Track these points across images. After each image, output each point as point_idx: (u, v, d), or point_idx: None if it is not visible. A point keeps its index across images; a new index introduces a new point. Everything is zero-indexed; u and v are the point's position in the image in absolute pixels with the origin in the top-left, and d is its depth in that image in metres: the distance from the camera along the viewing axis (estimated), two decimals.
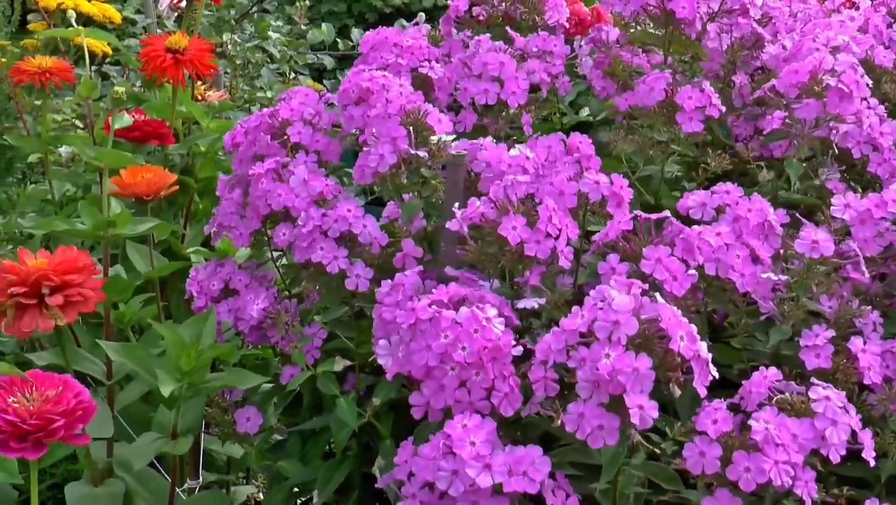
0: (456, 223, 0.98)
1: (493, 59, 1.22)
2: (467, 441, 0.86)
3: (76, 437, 0.89)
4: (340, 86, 1.19)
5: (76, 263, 1.11)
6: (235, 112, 1.81)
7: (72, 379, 0.91)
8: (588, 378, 0.83)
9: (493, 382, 0.91)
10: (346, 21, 4.51)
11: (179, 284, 1.47)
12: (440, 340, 0.90)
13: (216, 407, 1.19)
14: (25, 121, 1.82)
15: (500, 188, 1.00)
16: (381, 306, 1.00)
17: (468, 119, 1.23)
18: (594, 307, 0.84)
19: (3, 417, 0.86)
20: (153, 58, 1.48)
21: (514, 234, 0.95)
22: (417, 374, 0.92)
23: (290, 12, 2.77)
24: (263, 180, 1.12)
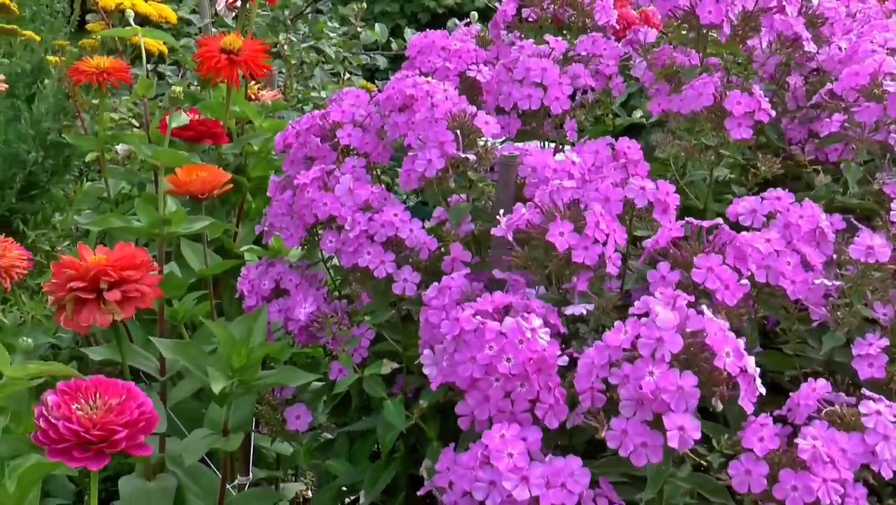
0: (502, 230, 0.98)
1: (535, 64, 1.20)
2: (505, 452, 0.85)
3: (137, 447, 0.88)
4: (383, 92, 1.19)
5: (134, 259, 1.13)
6: (289, 112, 1.83)
7: (135, 387, 0.90)
8: (631, 396, 0.82)
9: (538, 393, 0.90)
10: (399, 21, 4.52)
11: (232, 282, 1.48)
12: (485, 351, 0.89)
13: (266, 405, 1.20)
14: (83, 119, 1.84)
15: (545, 194, 0.99)
16: (427, 309, 1.00)
17: (512, 124, 1.22)
18: (637, 323, 0.83)
19: (67, 426, 0.85)
20: (208, 58, 1.50)
21: (562, 240, 0.94)
22: (462, 385, 0.92)
23: (343, 13, 2.78)
24: (309, 189, 1.13)
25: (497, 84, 1.24)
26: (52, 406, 0.87)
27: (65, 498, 1.51)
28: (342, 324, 1.13)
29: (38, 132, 1.95)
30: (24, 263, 1.22)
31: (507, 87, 1.21)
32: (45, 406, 0.87)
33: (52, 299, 1.14)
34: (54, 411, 0.86)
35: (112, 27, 1.84)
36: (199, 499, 1.25)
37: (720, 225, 0.97)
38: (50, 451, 0.86)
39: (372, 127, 1.19)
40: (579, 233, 0.95)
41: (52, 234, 2.06)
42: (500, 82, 1.23)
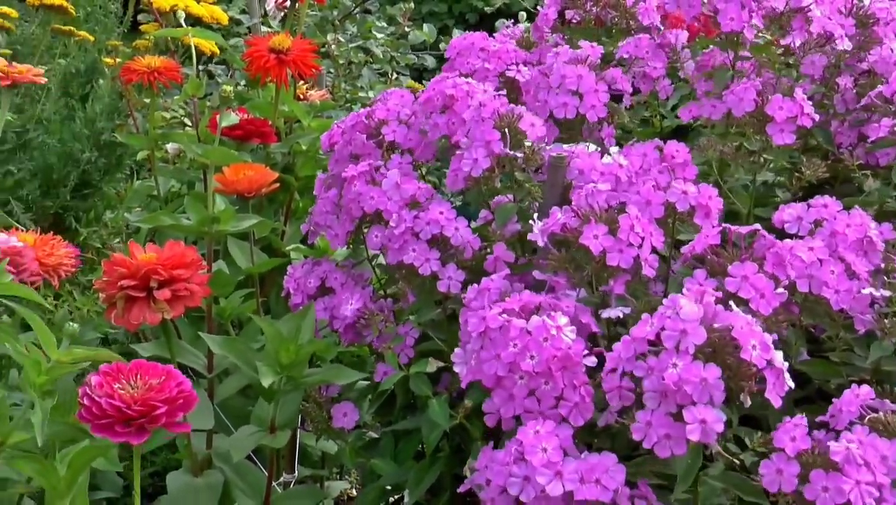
0: (536, 235, 0.98)
1: (570, 71, 1.19)
2: (539, 448, 0.86)
3: (177, 425, 0.92)
4: (424, 93, 1.19)
5: (184, 258, 1.14)
6: (337, 111, 1.84)
7: (174, 369, 0.94)
8: (655, 388, 0.83)
9: (562, 391, 0.90)
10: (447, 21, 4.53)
11: (279, 281, 1.50)
12: (509, 349, 0.90)
13: (313, 402, 1.21)
14: (135, 119, 1.87)
15: (581, 197, 0.99)
16: (467, 311, 1.00)
17: (550, 132, 1.21)
18: (662, 316, 0.84)
19: (110, 402, 0.89)
20: (257, 58, 1.51)
21: (596, 243, 0.94)
22: (488, 383, 0.92)
23: (391, 13, 2.79)
24: (356, 183, 1.13)
25: (534, 89, 1.24)
26: (95, 385, 0.90)
27: (113, 491, 1.53)
28: (388, 321, 1.14)
29: (92, 131, 1.97)
30: (72, 261, 1.24)
31: (542, 94, 1.20)
32: (88, 386, 0.91)
33: (103, 296, 1.16)
34: (97, 390, 0.90)
35: (164, 28, 1.87)
36: (246, 496, 1.26)
37: (759, 231, 0.96)
38: (93, 426, 0.89)
39: (416, 125, 1.20)
40: (614, 235, 0.94)
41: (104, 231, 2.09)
42: (537, 88, 1.22)
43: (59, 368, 0.92)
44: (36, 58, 2.06)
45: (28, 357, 0.91)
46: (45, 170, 1.95)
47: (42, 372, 0.91)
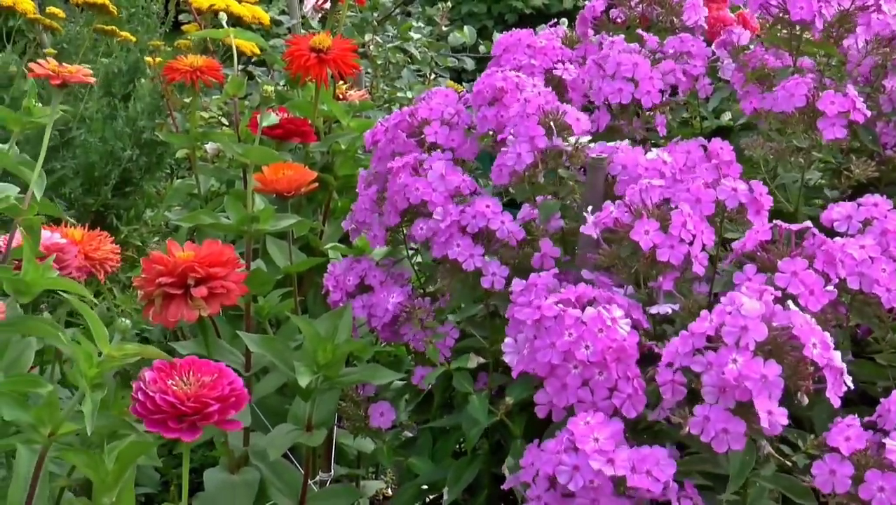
0: (590, 227, 0.98)
1: (626, 59, 1.20)
2: (591, 437, 0.86)
3: (228, 422, 0.93)
4: (474, 87, 1.20)
5: (221, 256, 1.15)
6: (375, 111, 1.84)
7: (226, 368, 0.95)
8: (714, 383, 0.82)
9: (616, 382, 0.90)
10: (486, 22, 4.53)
11: (317, 280, 1.50)
12: (564, 337, 0.90)
13: (350, 401, 1.21)
14: (175, 118, 1.88)
15: (635, 192, 0.99)
16: (514, 306, 1.00)
17: (602, 119, 1.22)
18: (722, 312, 0.84)
19: (164, 398, 0.90)
20: (298, 57, 1.52)
21: (647, 238, 0.95)
22: (541, 372, 0.92)
23: (431, 14, 2.79)
24: (401, 174, 1.14)
25: (586, 81, 1.24)
26: (149, 381, 0.92)
27: (151, 487, 1.55)
28: (428, 318, 1.14)
29: (133, 130, 1.99)
30: (117, 258, 1.25)
31: (597, 83, 1.21)
32: (142, 381, 0.92)
33: (141, 294, 1.16)
34: (151, 386, 0.91)
35: (205, 28, 1.88)
36: (282, 494, 1.26)
37: (809, 228, 0.96)
38: (147, 421, 0.91)
39: (460, 124, 1.20)
40: (665, 232, 0.94)
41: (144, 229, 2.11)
42: (591, 78, 1.22)
43: (109, 361, 0.93)
44: (79, 57, 2.08)
45: (81, 350, 0.92)
46: (87, 168, 1.97)
47: (94, 364, 0.92)
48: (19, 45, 2.20)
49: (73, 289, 0.98)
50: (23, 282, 0.95)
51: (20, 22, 2.13)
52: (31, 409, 0.93)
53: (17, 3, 1.92)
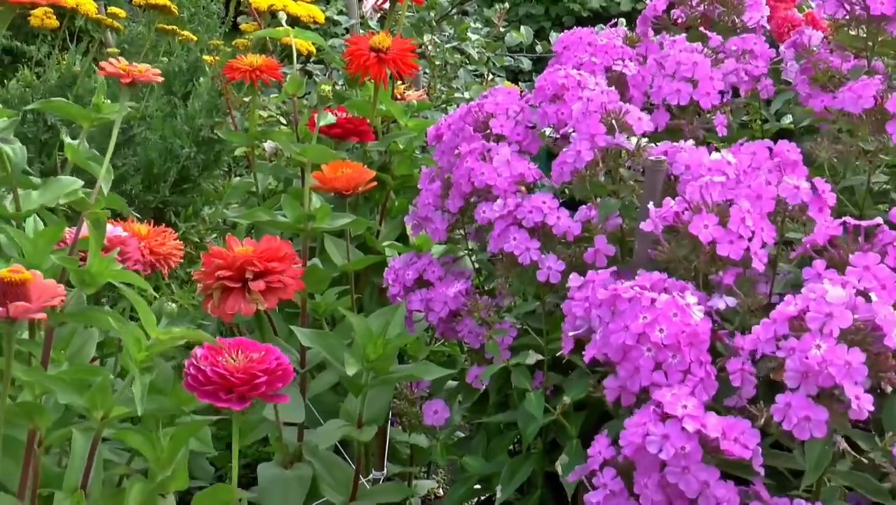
0: (650, 223, 0.98)
1: (686, 58, 1.20)
2: (679, 405, 0.87)
3: (276, 396, 0.97)
4: (536, 83, 1.20)
5: (279, 251, 1.16)
6: (433, 112, 1.84)
7: (273, 347, 0.99)
8: (797, 368, 0.82)
9: (689, 365, 0.90)
10: (543, 23, 4.52)
11: (373, 279, 1.51)
12: (638, 320, 0.90)
13: (404, 399, 1.21)
14: (234, 116, 1.90)
15: (695, 188, 0.98)
16: (571, 301, 1.00)
17: (661, 119, 1.21)
18: (807, 297, 0.84)
19: (214, 370, 0.94)
20: (357, 56, 1.52)
21: (706, 232, 0.94)
22: (614, 355, 0.93)
23: (488, 14, 2.79)
24: (468, 159, 1.14)
25: (646, 80, 1.23)
26: (200, 357, 0.97)
27: (205, 480, 1.56)
28: (489, 313, 1.14)
29: (193, 128, 2.01)
30: (180, 253, 1.27)
31: (657, 81, 1.20)
32: (194, 357, 0.97)
33: (200, 287, 1.18)
34: (202, 361, 0.96)
35: (264, 27, 1.89)
36: (333, 490, 1.27)
37: (881, 226, 0.94)
38: (198, 393, 0.95)
39: (522, 120, 1.20)
40: (724, 227, 0.94)
41: (202, 226, 2.13)
42: (651, 77, 1.22)
43: (158, 345, 0.96)
44: (141, 56, 2.11)
45: (130, 334, 0.95)
46: (147, 165, 2.00)
47: (143, 348, 0.95)
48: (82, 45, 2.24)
49: (134, 281, 1.00)
50: (88, 273, 0.97)
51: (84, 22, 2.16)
52: (84, 393, 0.96)
53: (80, 4, 1.95)
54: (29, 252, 0.99)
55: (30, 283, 0.87)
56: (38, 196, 1.04)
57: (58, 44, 2.26)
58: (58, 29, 2.12)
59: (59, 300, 0.88)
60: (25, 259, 0.99)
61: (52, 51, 2.25)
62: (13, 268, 0.86)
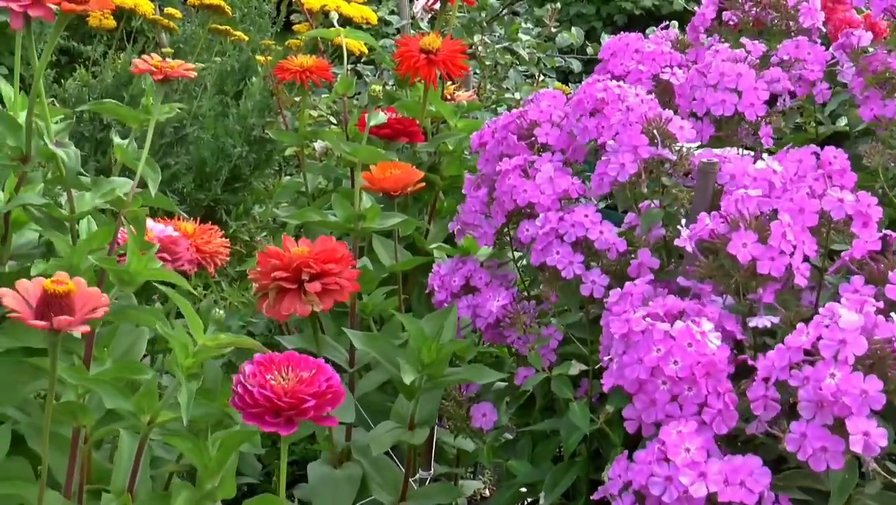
0: (684, 240, 0.96)
1: (729, 69, 1.17)
2: (682, 447, 0.85)
3: (325, 418, 0.93)
4: (574, 96, 1.18)
5: (335, 253, 1.17)
6: (483, 112, 1.84)
7: (324, 364, 0.96)
8: (811, 398, 0.81)
9: (706, 397, 0.89)
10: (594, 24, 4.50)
11: (421, 279, 1.51)
12: (652, 353, 0.89)
13: (452, 401, 1.21)
14: (285, 116, 1.91)
15: (731, 202, 0.96)
16: (608, 315, 0.99)
17: (705, 130, 1.19)
18: (819, 325, 0.82)
19: (262, 392, 0.91)
20: (407, 57, 1.53)
21: (745, 251, 0.92)
22: (629, 387, 0.91)
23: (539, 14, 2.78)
24: (510, 176, 1.14)
25: (690, 89, 1.22)
26: (248, 375, 0.93)
27: (253, 477, 1.58)
28: (532, 323, 1.13)
29: (244, 127, 2.03)
30: (226, 252, 1.28)
31: (700, 92, 1.18)
32: (242, 374, 0.93)
33: (255, 287, 1.19)
34: (250, 379, 0.92)
35: (316, 28, 1.90)
36: (382, 490, 1.27)
37: None
38: (245, 414, 0.92)
39: (567, 127, 1.19)
40: (764, 243, 0.92)
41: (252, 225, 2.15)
42: (694, 87, 1.20)
43: (204, 351, 0.95)
44: (195, 56, 2.14)
45: (177, 340, 0.95)
46: (199, 163, 2.02)
47: (189, 354, 0.95)
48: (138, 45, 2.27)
49: (173, 280, 1.00)
50: (126, 272, 0.98)
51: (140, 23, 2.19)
52: (131, 397, 0.96)
53: (138, 5, 1.97)
54: (70, 252, 1.00)
55: (73, 294, 0.86)
56: (91, 197, 1.05)
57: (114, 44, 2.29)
58: (115, 29, 2.15)
59: (102, 311, 0.87)
60: (66, 259, 1.00)
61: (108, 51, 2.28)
62: (57, 278, 0.87)
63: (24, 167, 1.00)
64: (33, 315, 0.85)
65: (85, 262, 0.99)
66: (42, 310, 0.85)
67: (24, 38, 0.95)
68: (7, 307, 0.85)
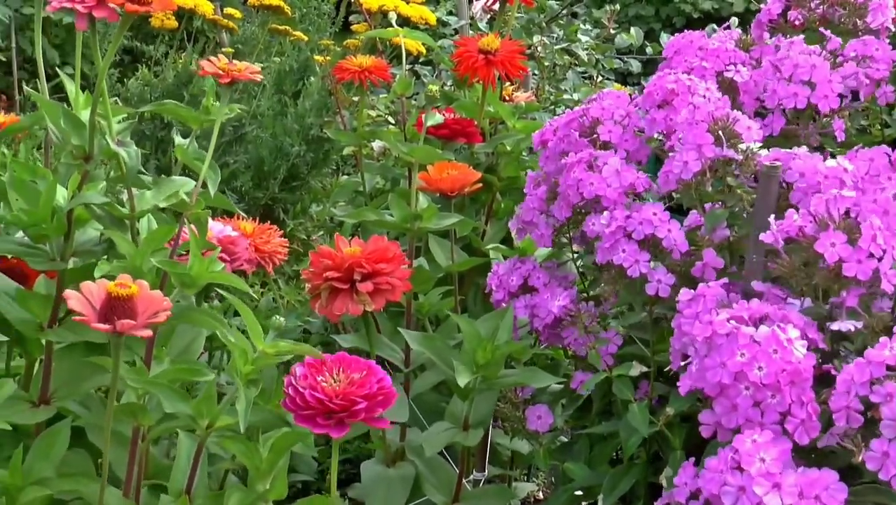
0: (771, 236, 0.94)
1: (804, 60, 1.15)
2: (756, 457, 0.83)
3: (376, 420, 0.94)
4: (645, 88, 1.18)
5: (387, 252, 1.17)
6: (541, 113, 1.83)
7: (375, 365, 0.96)
8: (894, 416, 0.78)
9: (789, 406, 0.87)
10: (653, 25, 4.47)
11: (477, 280, 1.51)
12: (736, 357, 0.87)
13: (508, 402, 1.21)
14: (343, 116, 1.92)
15: (821, 202, 0.94)
16: (680, 316, 0.98)
17: (776, 123, 1.18)
18: None
19: (313, 394, 0.92)
20: (466, 58, 1.53)
21: (833, 251, 0.90)
22: (710, 391, 0.89)
23: (597, 16, 2.76)
24: (576, 169, 1.13)
25: (759, 84, 1.20)
26: (299, 377, 0.94)
27: (309, 474, 1.59)
28: (592, 323, 1.12)
29: (302, 127, 2.05)
30: (284, 251, 1.29)
31: (772, 85, 1.16)
32: (293, 376, 0.94)
33: (308, 287, 1.19)
34: (301, 381, 0.93)
35: (374, 28, 1.91)
36: (436, 490, 1.27)
37: None
38: (296, 416, 0.93)
39: (630, 126, 1.18)
40: (852, 245, 0.90)
41: (309, 223, 2.16)
42: (766, 80, 1.18)
43: (264, 358, 0.96)
44: (254, 56, 2.16)
45: (237, 346, 0.95)
46: (258, 162, 2.04)
47: (248, 361, 0.95)
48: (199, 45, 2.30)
49: (234, 283, 1.01)
50: (188, 275, 0.99)
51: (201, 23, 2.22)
52: (190, 401, 0.96)
53: (199, 6, 2.00)
54: (133, 254, 1.01)
55: (136, 297, 0.87)
56: (152, 196, 1.06)
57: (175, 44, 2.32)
58: (176, 30, 2.17)
59: (164, 315, 0.88)
60: (129, 261, 1.01)
61: (169, 51, 2.31)
62: (120, 281, 0.88)
63: (87, 165, 1.01)
64: (97, 318, 0.86)
65: (147, 263, 1.00)
66: (106, 312, 0.86)
67: (88, 38, 0.96)
68: (72, 309, 0.86)
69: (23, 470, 0.98)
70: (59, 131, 1.01)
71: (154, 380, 0.98)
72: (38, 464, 1.00)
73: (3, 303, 1.04)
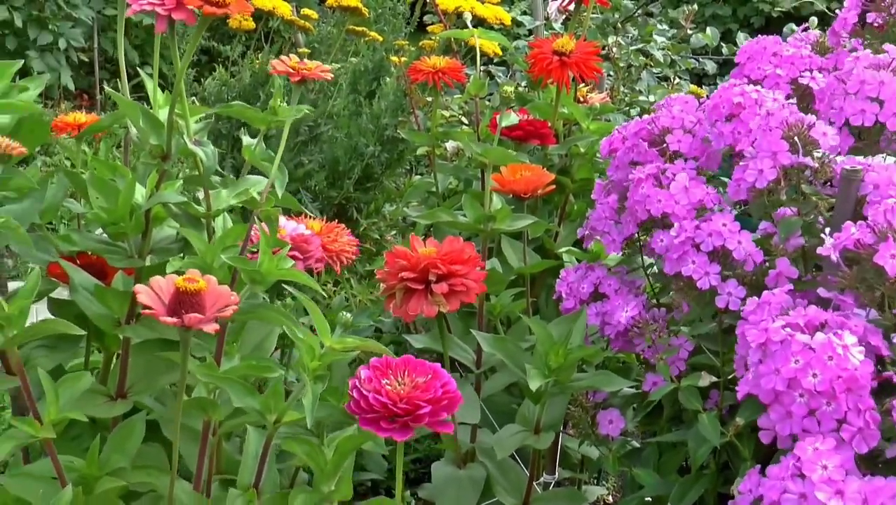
0: (828, 248, 0.93)
1: (871, 77, 1.10)
2: (818, 464, 0.82)
3: (440, 424, 0.93)
4: (710, 101, 1.15)
5: (462, 254, 1.17)
6: (615, 115, 1.82)
7: (440, 368, 0.96)
8: None
9: (845, 414, 0.85)
10: (731, 25, 4.40)
11: (549, 281, 1.50)
12: (790, 364, 0.86)
13: (579, 406, 1.20)
14: (417, 116, 1.93)
15: (879, 212, 0.93)
16: (744, 324, 0.96)
17: (844, 142, 1.14)
18: None
19: (377, 398, 0.92)
20: (540, 59, 1.52)
21: (893, 263, 0.88)
22: (764, 398, 0.89)
23: (673, 16, 2.73)
24: (644, 185, 1.11)
25: (829, 96, 1.17)
26: (364, 379, 0.94)
27: (379, 473, 1.60)
28: (661, 331, 1.11)
29: (377, 127, 2.06)
30: (353, 249, 1.29)
31: (838, 101, 1.13)
32: (358, 379, 0.94)
33: (383, 287, 1.20)
34: (366, 384, 0.93)
35: (449, 28, 1.91)
36: (506, 492, 1.27)
37: None
38: (361, 420, 0.93)
39: (700, 133, 1.16)
40: None
41: (382, 223, 2.18)
42: (833, 95, 1.15)
43: (331, 354, 0.96)
44: (331, 56, 2.17)
45: (304, 342, 0.96)
46: (332, 162, 2.05)
47: (316, 357, 0.96)
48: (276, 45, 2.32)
49: (303, 280, 1.01)
50: (258, 272, 1.00)
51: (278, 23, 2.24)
52: (258, 396, 0.97)
53: (276, 7, 2.02)
54: (204, 250, 1.02)
55: (204, 291, 0.88)
56: (227, 195, 1.08)
57: (252, 44, 2.35)
58: (253, 30, 2.20)
59: (231, 310, 0.89)
60: (201, 257, 1.02)
61: (246, 51, 2.34)
62: (188, 276, 0.89)
63: (164, 164, 1.03)
64: (166, 311, 0.88)
65: (218, 260, 1.01)
66: (174, 307, 0.87)
67: (167, 39, 0.98)
68: (141, 303, 0.88)
69: (99, 461, 1.00)
70: (139, 130, 1.02)
71: (224, 375, 0.99)
72: (114, 456, 1.02)
73: (82, 298, 1.06)
